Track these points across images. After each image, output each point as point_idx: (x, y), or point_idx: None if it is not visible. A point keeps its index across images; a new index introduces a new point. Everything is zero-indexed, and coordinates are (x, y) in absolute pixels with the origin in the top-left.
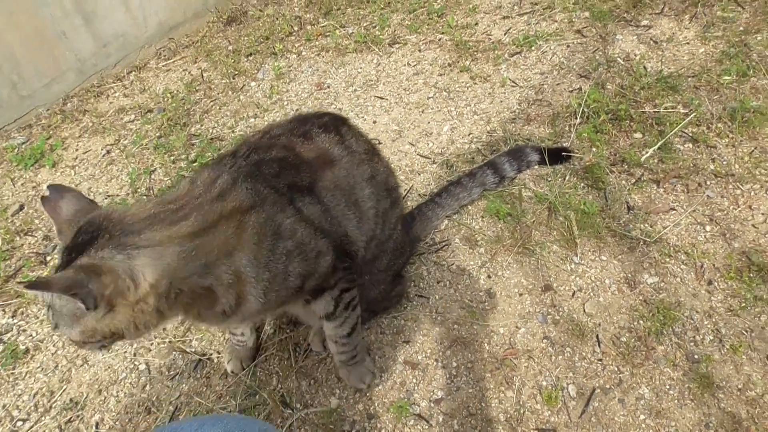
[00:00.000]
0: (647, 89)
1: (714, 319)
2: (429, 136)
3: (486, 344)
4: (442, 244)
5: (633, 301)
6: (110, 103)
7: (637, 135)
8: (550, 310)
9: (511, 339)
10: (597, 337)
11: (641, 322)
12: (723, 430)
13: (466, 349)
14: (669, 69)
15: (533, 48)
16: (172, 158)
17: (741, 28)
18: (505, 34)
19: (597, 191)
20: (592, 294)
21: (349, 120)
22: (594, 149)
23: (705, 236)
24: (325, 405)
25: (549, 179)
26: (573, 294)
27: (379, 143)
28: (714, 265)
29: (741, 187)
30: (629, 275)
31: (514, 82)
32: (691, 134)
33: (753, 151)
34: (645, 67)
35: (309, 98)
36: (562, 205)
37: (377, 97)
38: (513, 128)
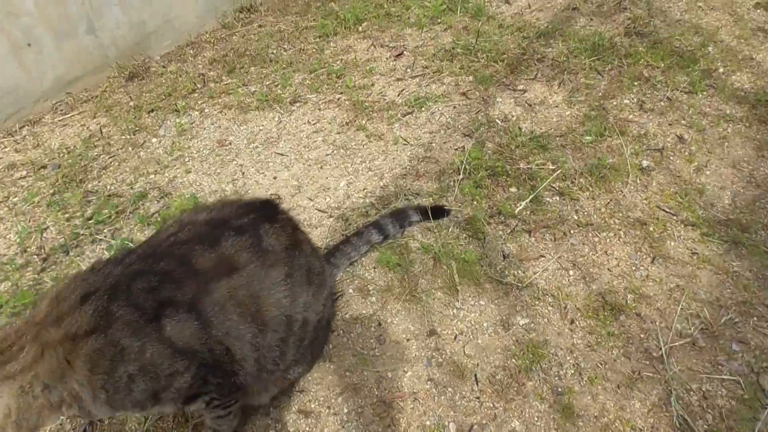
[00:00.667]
0: (522, 147)
1: (575, 355)
2: (327, 191)
3: (375, 389)
4: (336, 296)
5: (507, 342)
6: None
7: (513, 189)
8: (434, 354)
9: (399, 383)
10: (475, 376)
11: (513, 360)
12: None
13: (357, 394)
14: (540, 129)
15: (423, 109)
16: (67, 216)
17: (600, 94)
18: (398, 96)
19: (477, 241)
20: (471, 336)
21: (278, 209)
22: (474, 203)
23: (569, 280)
24: None
25: (435, 231)
26: (455, 337)
27: (279, 198)
28: (576, 305)
29: (599, 235)
30: (504, 318)
31: (405, 140)
32: (558, 188)
33: (608, 203)
34: (520, 128)
35: (210, 155)
36: (446, 255)
37: (278, 153)
38: (404, 183)
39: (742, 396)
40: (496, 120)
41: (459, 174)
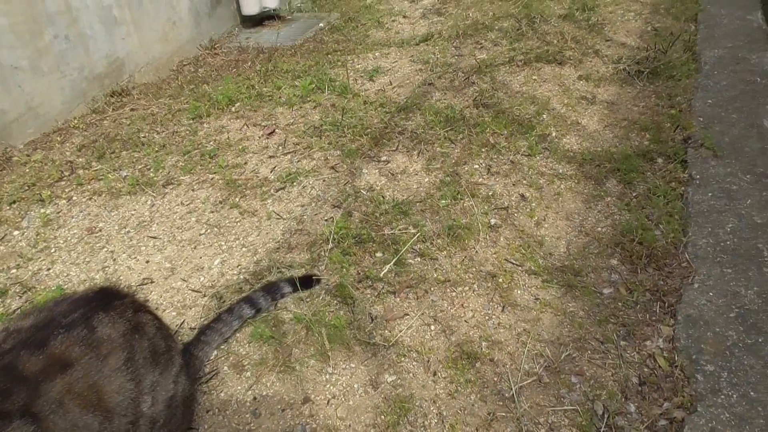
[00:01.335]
0: (386, 214)
1: (438, 404)
2: (201, 270)
3: None
4: (210, 374)
5: (376, 400)
6: None
7: (378, 254)
8: (308, 420)
9: None
10: None
11: (382, 417)
12: None
13: None
14: (402, 196)
15: (295, 183)
16: None
17: (453, 161)
18: (271, 172)
19: (347, 306)
20: (343, 399)
21: (117, 296)
22: (343, 270)
23: (431, 335)
24: None
25: (307, 300)
26: (328, 402)
27: (152, 282)
28: (438, 358)
29: (456, 290)
30: (373, 377)
31: (278, 215)
32: (419, 250)
33: (463, 259)
34: (383, 196)
35: (79, 243)
36: (317, 323)
37: (151, 237)
38: (277, 257)
39: (580, 423)
40: (362, 190)
41: (328, 243)
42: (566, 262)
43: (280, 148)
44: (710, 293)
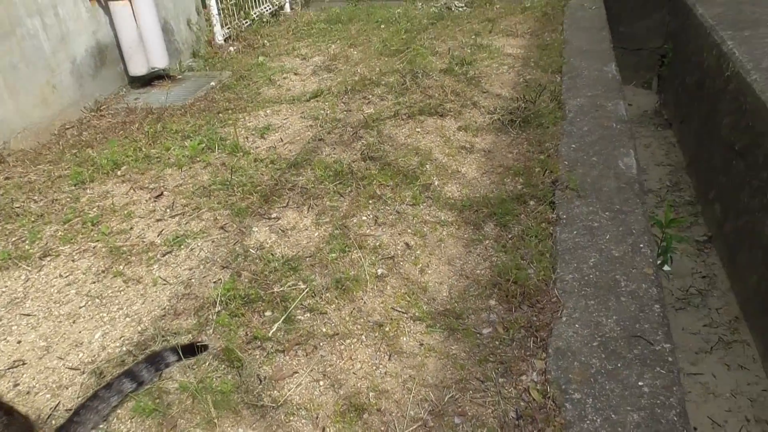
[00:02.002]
0: (275, 272)
1: None
2: (80, 346)
3: None
4: None
5: None
6: None
7: (268, 313)
8: None
9: None
10: None
11: None
12: None
13: None
14: (292, 252)
15: (183, 246)
16: None
17: (342, 214)
18: (158, 236)
19: (235, 370)
20: None
21: None
22: (231, 332)
23: (320, 390)
24: None
25: (194, 367)
26: None
27: (23, 364)
28: (326, 413)
29: (344, 342)
30: None
31: (165, 280)
32: (308, 305)
33: (352, 311)
34: (273, 254)
35: None
36: (203, 390)
37: (23, 315)
38: (163, 324)
39: None
40: (251, 249)
41: (216, 306)
42: (448, 305)
43: (168, 210)
44: (576, 325)
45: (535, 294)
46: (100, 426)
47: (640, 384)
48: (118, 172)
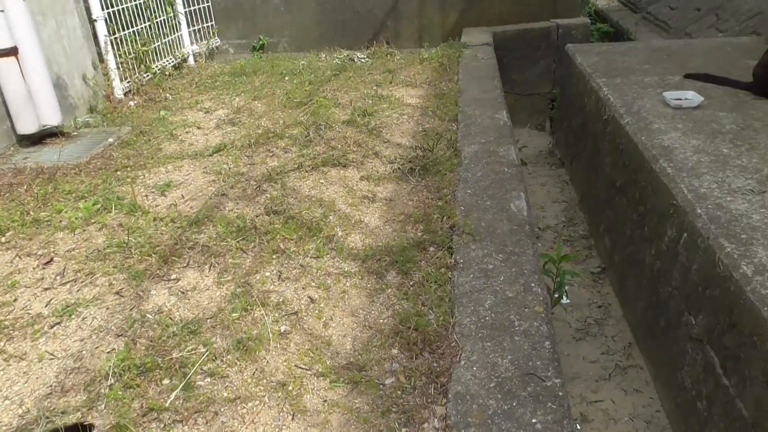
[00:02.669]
0: (174, 337)
1: None
2: None
3: None
4: None
5: None
6: None
7: (165, 381)
8: None
9: None
10: None
11: None
12: None
13: None
14: (192, 314)
15: (74, 316)
16: None
17: (245, 271)
18: (45, 306)
19: None
20: None
21: None
22: (125, 406)
23: None
24: None
25: None
26: None
27: None
28: None
29: (246, 406)
30: None
31: (52, 354)
32: (208, 370)
33: (254, 372)
34: (172, 318)
35: None
36: None
37: None
38: (48, 404)
39: None
40: (149, 314)
41: (109, 379)
42: (352, 358)
43: (59, 277)
44: (474, 368)
45: (435, 340)
46: None
47: (534, 421)
48: (2, 239)
